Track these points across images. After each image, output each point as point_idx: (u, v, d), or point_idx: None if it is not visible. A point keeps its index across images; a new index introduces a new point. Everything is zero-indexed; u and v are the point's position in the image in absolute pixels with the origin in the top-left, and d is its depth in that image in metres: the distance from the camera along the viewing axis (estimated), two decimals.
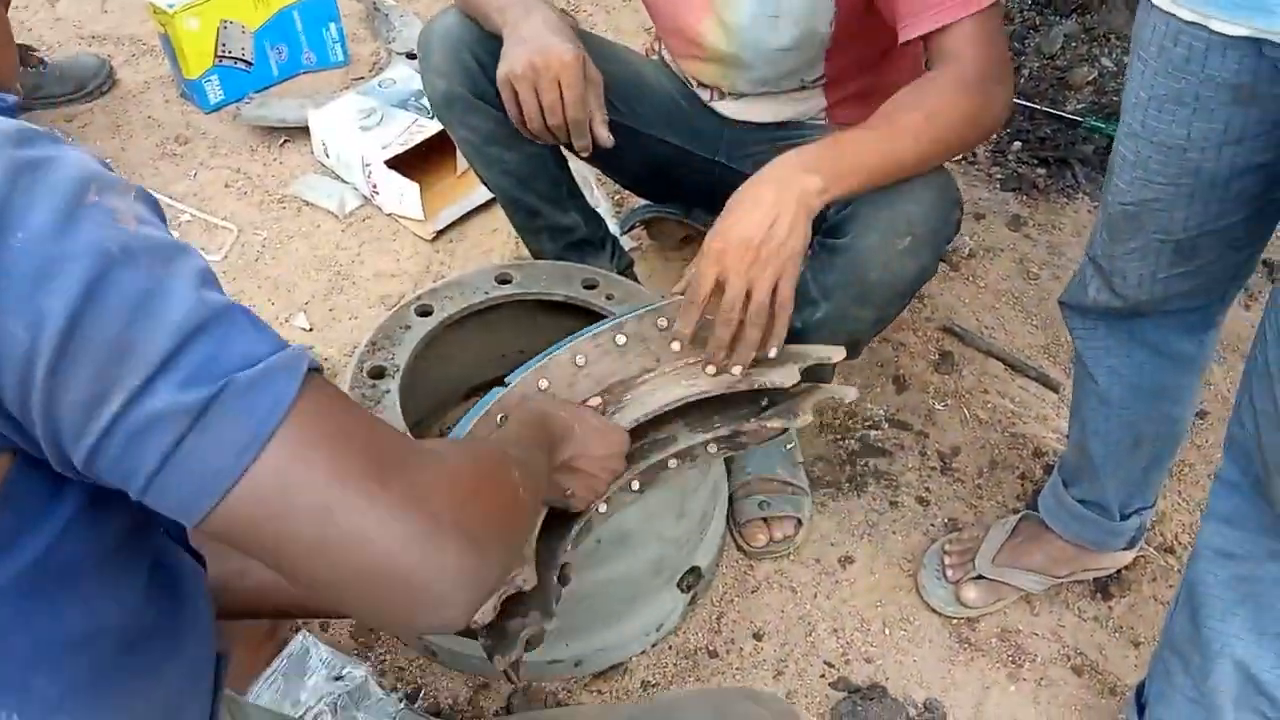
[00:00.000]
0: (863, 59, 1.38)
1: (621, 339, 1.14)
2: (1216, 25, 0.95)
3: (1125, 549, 1.47)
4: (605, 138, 1.30)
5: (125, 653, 0.66)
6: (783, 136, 1.48)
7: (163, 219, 0.59)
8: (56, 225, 0.53)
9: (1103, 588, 1.53)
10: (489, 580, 0.63)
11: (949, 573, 1.50)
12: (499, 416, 1.05)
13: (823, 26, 1.32)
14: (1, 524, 0.58)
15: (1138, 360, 1.28)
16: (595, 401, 1.11)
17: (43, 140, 0.56)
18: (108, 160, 2.12)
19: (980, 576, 1.48)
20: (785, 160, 1.12)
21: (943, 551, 1.52)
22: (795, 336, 1.34)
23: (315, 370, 0.59)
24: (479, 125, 1.42)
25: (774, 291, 1.08)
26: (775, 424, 1.17)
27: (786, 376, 1.13)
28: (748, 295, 1.08)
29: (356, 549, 0.57)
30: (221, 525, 0.56)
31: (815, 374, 1.43)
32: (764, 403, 1.20)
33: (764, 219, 1.08)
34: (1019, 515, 1.53)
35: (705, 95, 1.48)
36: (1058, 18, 2.74)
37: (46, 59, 2.34)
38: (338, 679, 1.33)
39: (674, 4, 1.39)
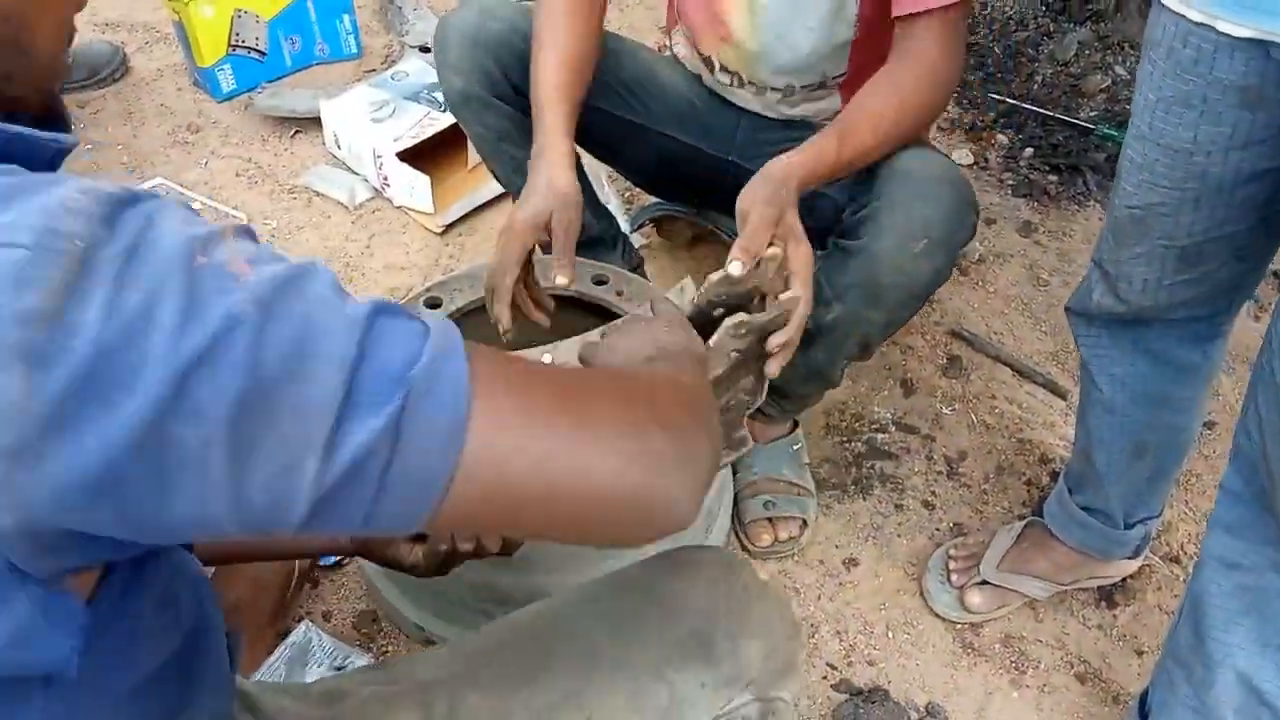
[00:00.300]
0: (881, 56, 1.37)
1: None
2: (1224, 26, 0.95)
3: (1130, 558, 1.47)
4: (535, 316, 1.29)
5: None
6: (797, 136, 1.47)
7: (255, 238, 0.56)
8: (183, 313, 0.48)
9: (1107, 596, 1.52)
10: (707, 467, 0.64)
11: (954, 578, 1.49)
12: None
13: (848, 17, 1.33)
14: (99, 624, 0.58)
15: (1142, 369, 1.28)
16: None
17: (122, 210, 0.50)
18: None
19: (985, 582, 1.47)
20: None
21: (948, 556, 1.52)
22: (807, 337, 1.34)
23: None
24: (493, 123, 1.42)
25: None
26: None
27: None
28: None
29: (583, 486, 0.58)
30: (449, 519, 0.55)
31: (824, 376, 1.43)
32: None
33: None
34: (1024, 521, 1.52)
35: (725, 80, 1.47)
36: (1072, 25, 2.73)
37: None
38: (339, 669, 1.33)
39: None
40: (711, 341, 0.98)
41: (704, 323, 1.01)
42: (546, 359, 1.14)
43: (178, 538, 0.54)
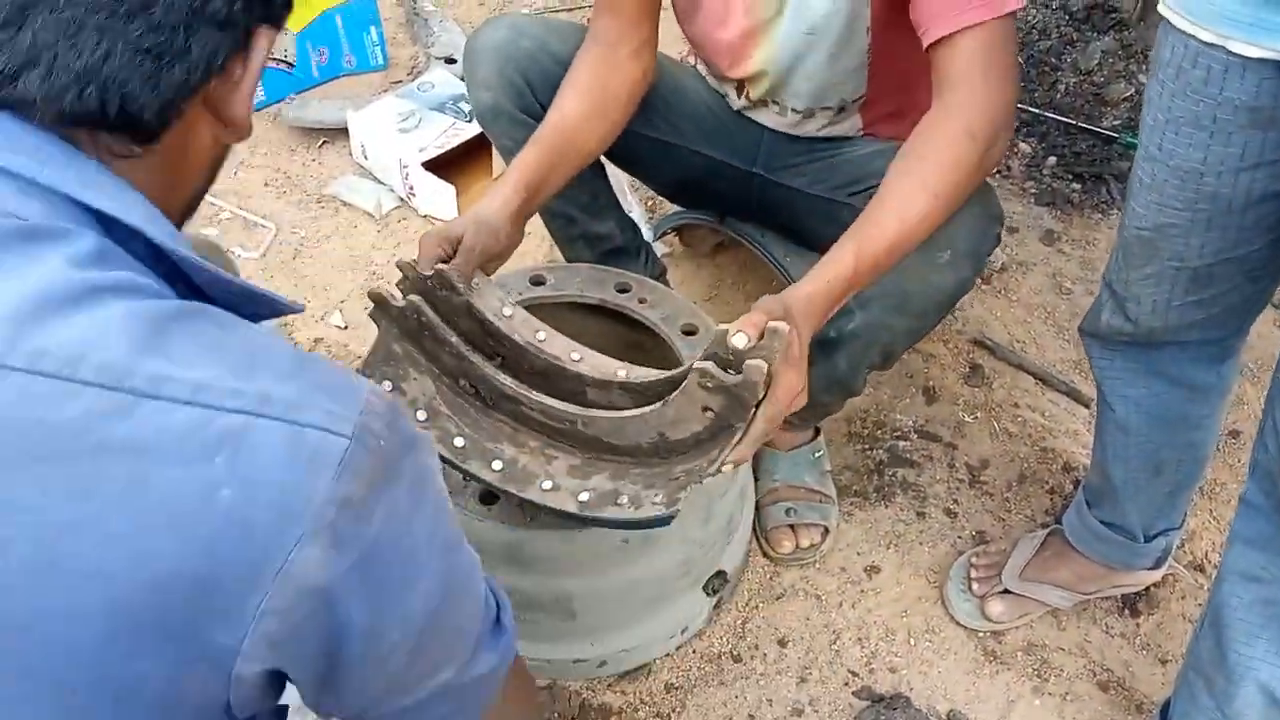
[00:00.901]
0: (900, 77, 1.38)
1: None
2: (1235, 47, 0.95)
3: (1152, 569, 1.46)
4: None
5: None
6: (820, 150, 1.48)
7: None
8: (429, 531, 0.59)
9: (1131, 604, 1.52)
10: None
11: (975, 586, 1.49)
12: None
13: (859, 45, 1.32)
14: None
15: (1156, 390, 1.27)
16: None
17: (400, 421, 0.58)
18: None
19: (1006, 591, 1.47)
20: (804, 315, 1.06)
21: (969, 564, 1.52)
22: (829, 344, 1.35)
23: None
24: (521, 138, 1.44)
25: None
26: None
27: None
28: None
29: None
30: None
31: (846, 385, 1.44)
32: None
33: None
34: (1047, 530, 1.52)
35: (746, 104, 1.48)
36: (1095, 34, 2.73)
37: None
38: None
39: (714, 24, 1.39)
40: (682, 387, 0.99)
41: (680, 379, 1.02)
42: (576, 355, 1.15)
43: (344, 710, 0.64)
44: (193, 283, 0.62)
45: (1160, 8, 1.03)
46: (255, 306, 0.64)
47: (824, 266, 1.08)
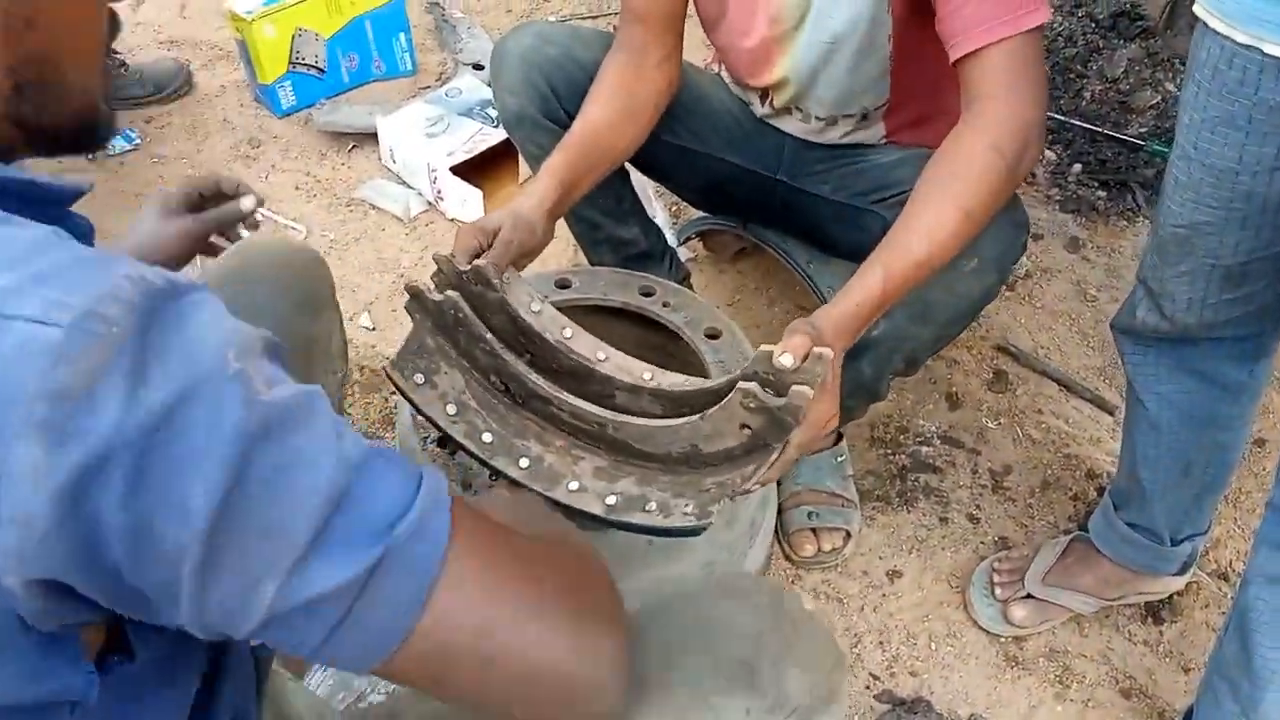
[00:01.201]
0: (922, 84, 1.38)
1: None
2: (1271, 48, 0.96)
3: (1176, 574, 1.46)
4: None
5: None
6: (844, 157, 1.49)
7: (280, 355, 0.57)
8: (204, 424, 0.49)
9: (1154, 612, 1.52)
10: (626, 665, 0.67)
11: (998, 591, 1.50)
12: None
13: (880, 50, 1.33)
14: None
15: (1188, 387, 1.28)
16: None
17: (164, 304, 0.51)
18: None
19: (1029, 596, 1.48)
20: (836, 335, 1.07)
21: (992, 569, 1.52)
22: (854, 350, 1.35)
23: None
24: (546, 143, 1.45)
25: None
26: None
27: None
28: None
29: (522, 667, 0.60)
30: (390, 672, 0.57)
31: (871, 390, 1.45)
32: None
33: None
34: (1070, 536, 1.52)
35: (769, 111, 1.50)
36: (1121, 41, 2.72)
37: (127, 62, 2.43)
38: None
39: (738, 34, 1.41)
40: (723, 403, 1.00)
41: (722, 393, 1.02)
42: (601, 355, 1.16)
43: (152, 620, 0.55)
44: None
45: (1196, 8, 1.04)
46: (43, 194, 0.59)
47: (853, 287, 1.08)
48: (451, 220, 2.13)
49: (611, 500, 1.09)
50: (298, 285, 1.16)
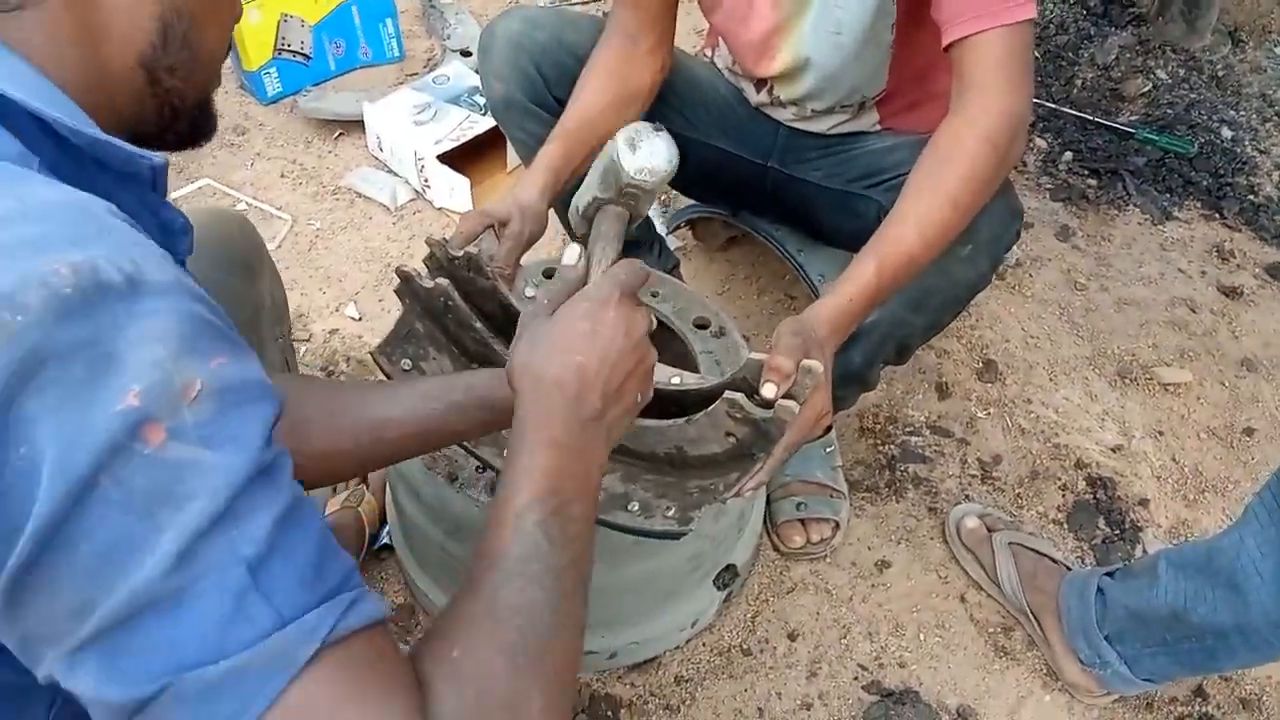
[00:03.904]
0: (916, 71, 1.38)
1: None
2: None
3: None
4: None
5: None
6: (836, 144, 1.48)
7: (250, 400, 0.51)
8: (66, 450, 0.45)
9: None
10: None
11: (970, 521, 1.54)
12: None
13: (883, 39, 1.32)
14: None
15: None
16: None
17: (89, 307, 0.47)
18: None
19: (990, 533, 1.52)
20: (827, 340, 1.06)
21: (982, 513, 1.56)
22: (846, 339, 1.35)
23: (354, 633, 0.50)
24: (534, 129, 1.44)
25: None
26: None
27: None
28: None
29: None
30: None
31: (861, 379, 1.44)
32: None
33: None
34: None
35: (766, 100, 1.48)
36: (1112, 29, 2.72)
37: None
38: None
39: (737, 21, 1.39)
40: (709, 410, 0.99)
41: (710, 397, 1.01)
42: None
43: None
44: (69, 144, 0.57)
45: None
46: (117, 159, 0.59)
47: (846, 282, 1.08)
48: (439, 209, 2.11)
49: None
50: (232, 250, 1.13)
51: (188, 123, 0.69)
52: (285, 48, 2.35)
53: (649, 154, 1.08)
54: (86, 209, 0.51)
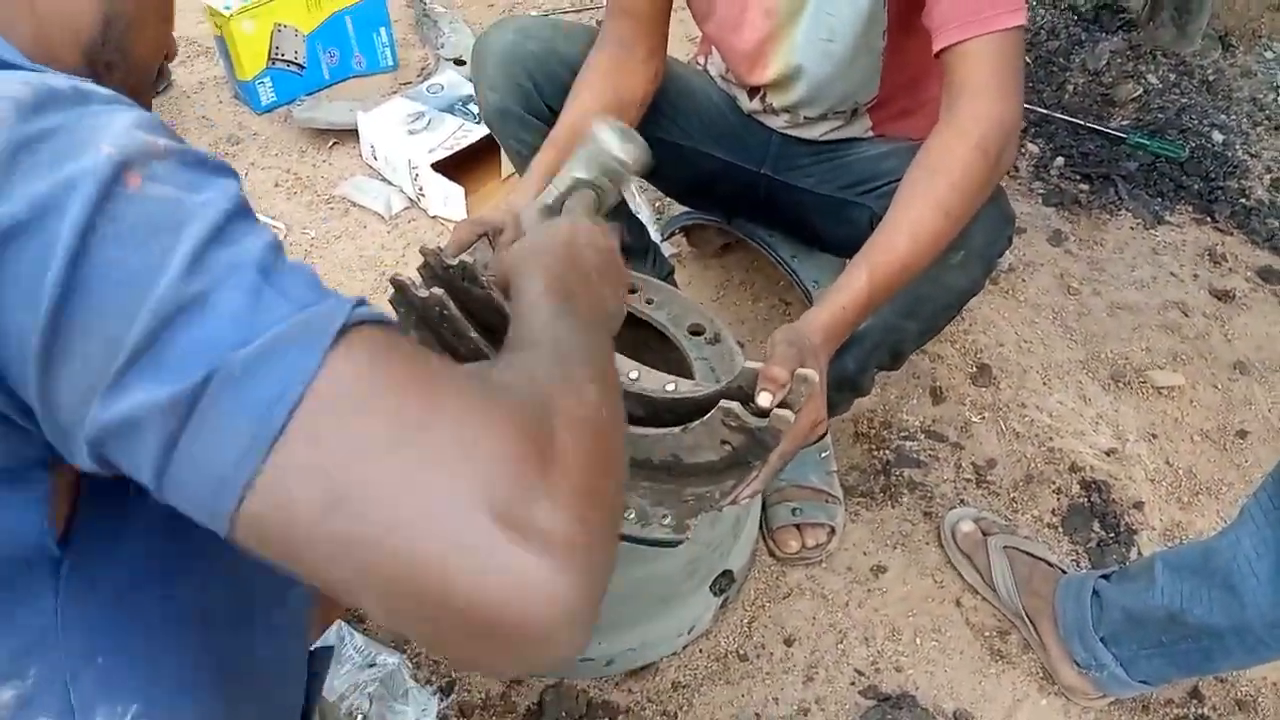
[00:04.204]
0: (908, 78, 1.38)
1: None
2: None
3: None
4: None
5: (233, 631, 0.66)
6: (829, 151, 1.49)
7: (199, 163, 0.53)
8: (65, 207, 0.48)
9: None
10: (606, 568, 0.48)
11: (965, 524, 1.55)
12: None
13: (875, 46, 1.33)
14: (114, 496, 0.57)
15: None
16: None
17: (50, 106, 0.51)
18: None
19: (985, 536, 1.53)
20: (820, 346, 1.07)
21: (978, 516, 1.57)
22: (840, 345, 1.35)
23: (365, 322, 0.49)
24: (527, 139, 1.45)
25: None
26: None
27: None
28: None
29: (415, 574, 0.44)
30: (247, 538, 0.47)
31: (855, 385, 1.44)
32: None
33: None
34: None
35: (759, 108, 1.49)
36: (1103, 34, 2.73)
37: None
38: (370, 666, 1.36)
39: (729, 29, 1.40)
40: (705, 419, 0.99)
41: (706, 405, 1.01)
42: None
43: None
44: None
45: None
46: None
47: (838, 291, 1.08)
48: (434, 218, 2.12)
49: None
50: None
51: None
52: (279, 57, 2.36)
53: (629, 136, 1.10)
54: (34, 70, 0.55)
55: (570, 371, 0.59)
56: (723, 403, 0.97)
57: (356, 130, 2.23)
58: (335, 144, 2.31)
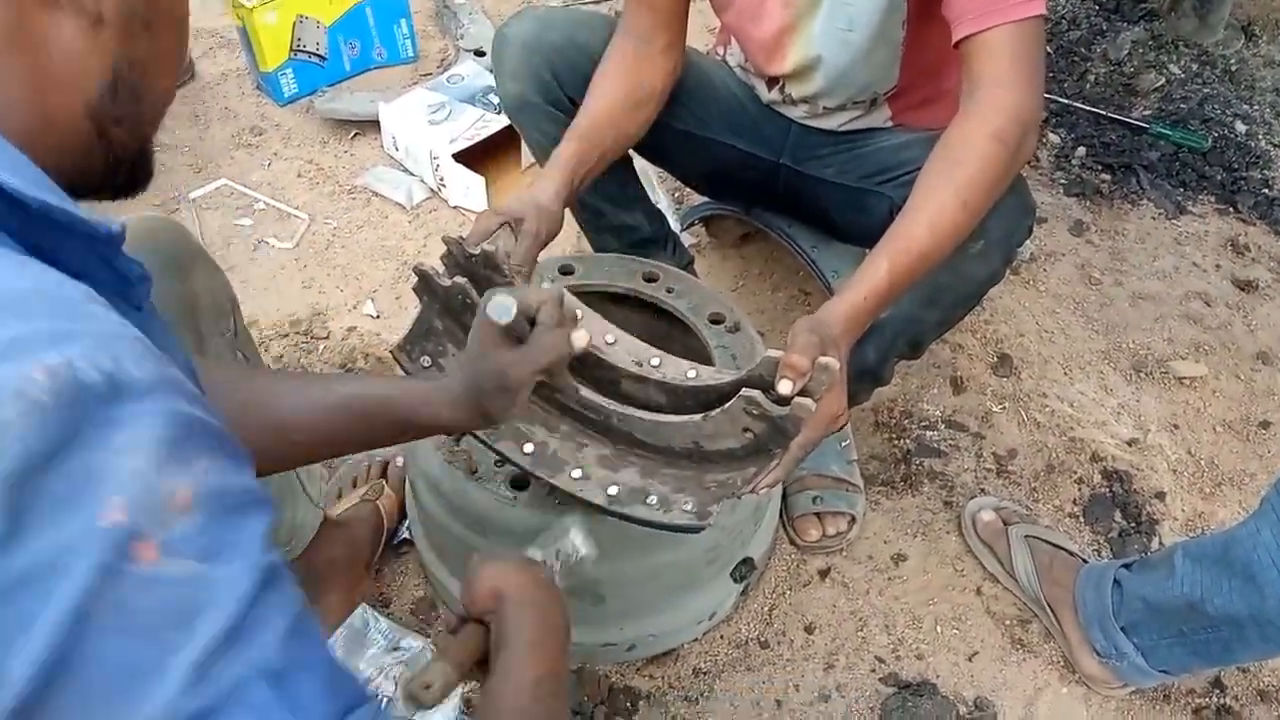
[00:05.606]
0: (927, 67, 1.38)
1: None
2: None
3: None
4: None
5: None
6: (848, 141, 1.49)
7: (241, 513, 0.48)
8: (55, 580, 0.42)
9: None
10: None
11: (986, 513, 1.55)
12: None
13: (894, 36, 1.33)
14: None
15: None
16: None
17: (87, 410, 0.44)
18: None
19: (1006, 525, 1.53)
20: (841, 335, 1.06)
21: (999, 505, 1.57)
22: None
23: None
24: (548, 129, 1.45)
25: None
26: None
27: None
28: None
29: None
30: None
31: (875, 374, 1.45)
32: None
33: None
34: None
35: (778, 99, 1.49)
36: (1125, 24, 2.72)
37: None
38: (395, 650, 1.37)
39: (748, 19, 1.40)
40: (726, 407, 1.00)
41: (727, 393, 1.02)
42: (610, 338, 1.16)
43: None
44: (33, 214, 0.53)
45: None
46: (75, 236, 0.56)
47: (858, 281, 1.08)
48: (455, 207, 2.13)
49: (613, 490, 1.09)
50: (157, 251, 1.08)
51: (127, 172, 0.66)
52: (301, 49, 2.37)
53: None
54: (61, 298, 0.48)
55: None
56: (744, 391, 0.98)
57: (378, 121, 2.25)
58: (357, 135, 2.32)
